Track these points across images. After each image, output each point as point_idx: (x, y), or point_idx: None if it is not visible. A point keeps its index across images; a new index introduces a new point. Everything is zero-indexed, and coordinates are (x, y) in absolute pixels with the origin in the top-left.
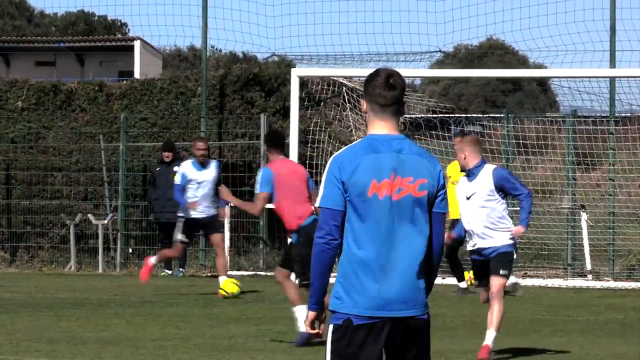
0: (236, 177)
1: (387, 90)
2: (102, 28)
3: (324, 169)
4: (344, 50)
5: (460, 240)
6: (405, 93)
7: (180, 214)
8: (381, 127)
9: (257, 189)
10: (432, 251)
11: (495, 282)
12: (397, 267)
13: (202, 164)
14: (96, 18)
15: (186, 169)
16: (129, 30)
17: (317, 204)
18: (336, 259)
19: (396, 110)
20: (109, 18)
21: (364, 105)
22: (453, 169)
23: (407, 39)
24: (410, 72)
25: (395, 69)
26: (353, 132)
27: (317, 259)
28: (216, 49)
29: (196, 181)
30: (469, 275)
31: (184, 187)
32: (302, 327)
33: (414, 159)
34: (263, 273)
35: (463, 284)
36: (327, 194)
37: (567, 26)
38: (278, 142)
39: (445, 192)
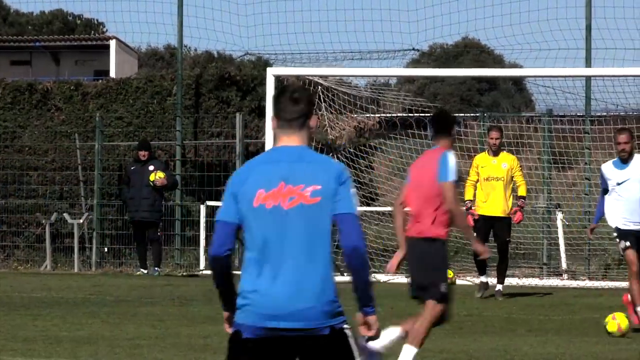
0: (212, 177)
1: (291, 104)
2: (81, 27)
3: None
4: (317, 48)
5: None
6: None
7: None
8: (286, 141)
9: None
10: (345, 255)
11: None
12: (291, 276)
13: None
14: (77, 18)
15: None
16: (106, 30)
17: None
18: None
19: (302, 124)
20: (87, 17)
21: (273, 123)
22: (482, 160)
23: (381, 37)
24: (386, 71)
25: (301, 85)
26: (328, 131)
27: (212, 270)
28: (189, 48)
29: None
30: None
31: None
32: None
33: (308, 166)
34: (238, 272)
35: (483, 278)
36: (223, 206)
37: (542, 25)
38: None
39: (346, 192)
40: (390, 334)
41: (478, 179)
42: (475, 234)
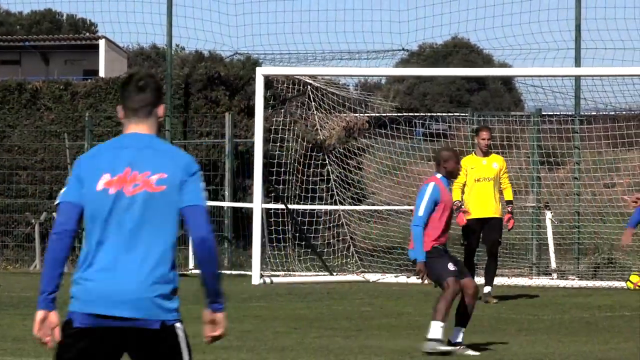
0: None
1: (136, 93)
2: (69, 26)
3: (288, 168)
4: (307, 48)
5: (474, 245)
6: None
7: None
8: (134, 129)
9: None
10: (194, 247)
11: None
12: (126, 265)
13: None
14: (64, 17)
15: None
16: (97, 29)
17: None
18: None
19: (149, 112)
20: (76, 16)
21: (120, 113)
22: (471, 161)
23: (371, 37)
24: (376, 71)
25: (148, 72)
26: (318, 130)
27: (48, 249)
28: (180, 47)
29: None
30: None
31: None
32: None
33: (156, 154)
34: (227, 272)
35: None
36: (66, 188)
37: (532, 25)
38: None
39: (195, 184)
40: None
41: (466, 181)
42: (464, 241)
